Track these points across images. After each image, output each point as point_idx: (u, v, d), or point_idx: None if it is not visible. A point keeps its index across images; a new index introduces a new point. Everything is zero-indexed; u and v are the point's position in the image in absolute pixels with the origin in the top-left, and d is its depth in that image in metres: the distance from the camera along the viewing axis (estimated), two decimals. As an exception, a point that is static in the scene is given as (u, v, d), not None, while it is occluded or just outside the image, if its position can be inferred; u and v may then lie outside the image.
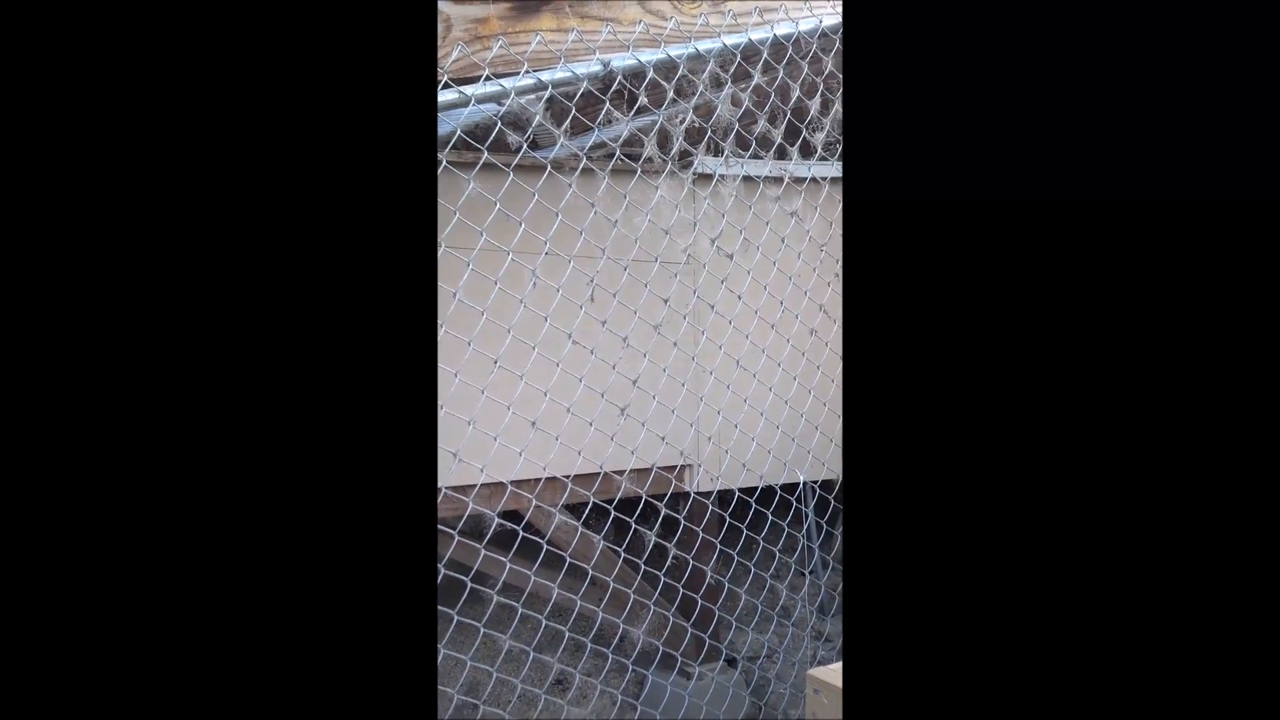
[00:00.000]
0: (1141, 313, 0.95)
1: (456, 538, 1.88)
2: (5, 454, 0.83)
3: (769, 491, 2.52)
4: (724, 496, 2.66)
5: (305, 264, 0.94)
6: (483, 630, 1.95)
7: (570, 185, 2.01)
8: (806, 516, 2.89)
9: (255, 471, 0.91)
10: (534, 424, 1.97)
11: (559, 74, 1.97)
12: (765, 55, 2.39)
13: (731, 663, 2.76)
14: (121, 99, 0.90)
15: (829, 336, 2.64)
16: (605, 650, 2.28)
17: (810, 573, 2.97)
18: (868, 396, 0.99)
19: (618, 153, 2.09)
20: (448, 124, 1.92)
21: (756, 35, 2.38)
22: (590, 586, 2.26)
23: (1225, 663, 0.87)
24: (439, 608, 1.48)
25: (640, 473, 2.39)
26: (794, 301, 2.57)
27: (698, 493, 2.64)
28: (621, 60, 2.09)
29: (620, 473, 2.29)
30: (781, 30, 2.45)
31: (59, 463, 0.85)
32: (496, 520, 2.04)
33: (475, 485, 2.02)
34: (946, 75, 0.98)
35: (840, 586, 2.99)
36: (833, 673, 1.84)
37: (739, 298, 2.47)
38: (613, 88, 2.07)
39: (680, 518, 2.49)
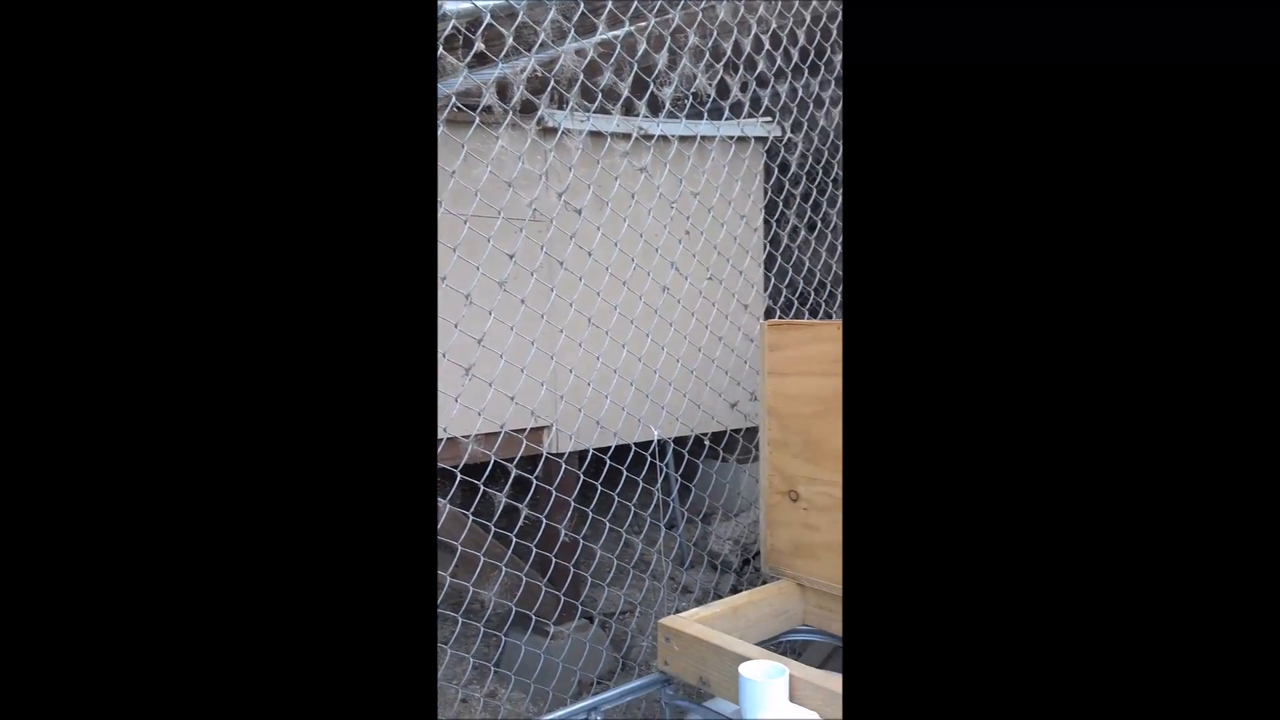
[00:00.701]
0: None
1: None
2: (5, 454, 0.82)
3: (626, 449, 2.53)
4: (581, 455, 2.64)
5: (306, 252, 0.88)
6: (320, 602, 1.87)
7: (402, 134, 1.91)
8: (662, 472, 2.92)
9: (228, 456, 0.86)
10: (369, 386, 1.88)
11: (385, 14, 1.85)
12: (610, 6, 2.34)
13: (591, 619, 2.78)
14: (91, 52, 0.83)
15: (680, 293, 2.65)
16: (455, 615, 2.24)
17: (669, 527, 3.02)
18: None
19: (453, 101, 2.00)
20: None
21: (601, -16, 2.32)
22: (438, 551, 2.20)
23: (1225, 659, 0.82)
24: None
25: (490, 436, 2.33)
26: (645, 258, 2.56)
27: (553, 453, 2.61)
28: (456, 4, 2.00)
29: (467, 436, 2.23)
30: (627, -19, 2.41)
31: (42, 442, 0.82)
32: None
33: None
34: None
35: (696, 538, 3.06)
36: (684, 620, 1.87)
37: (589, 254, 2.44)
38: (446, 32, 1.98)
39: (533, 478, 2.46)
